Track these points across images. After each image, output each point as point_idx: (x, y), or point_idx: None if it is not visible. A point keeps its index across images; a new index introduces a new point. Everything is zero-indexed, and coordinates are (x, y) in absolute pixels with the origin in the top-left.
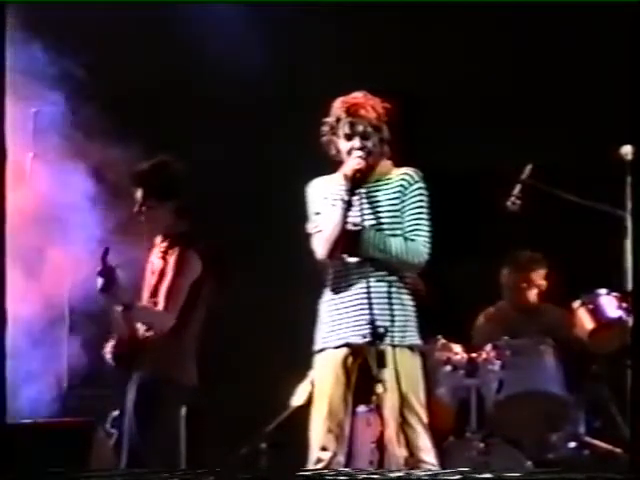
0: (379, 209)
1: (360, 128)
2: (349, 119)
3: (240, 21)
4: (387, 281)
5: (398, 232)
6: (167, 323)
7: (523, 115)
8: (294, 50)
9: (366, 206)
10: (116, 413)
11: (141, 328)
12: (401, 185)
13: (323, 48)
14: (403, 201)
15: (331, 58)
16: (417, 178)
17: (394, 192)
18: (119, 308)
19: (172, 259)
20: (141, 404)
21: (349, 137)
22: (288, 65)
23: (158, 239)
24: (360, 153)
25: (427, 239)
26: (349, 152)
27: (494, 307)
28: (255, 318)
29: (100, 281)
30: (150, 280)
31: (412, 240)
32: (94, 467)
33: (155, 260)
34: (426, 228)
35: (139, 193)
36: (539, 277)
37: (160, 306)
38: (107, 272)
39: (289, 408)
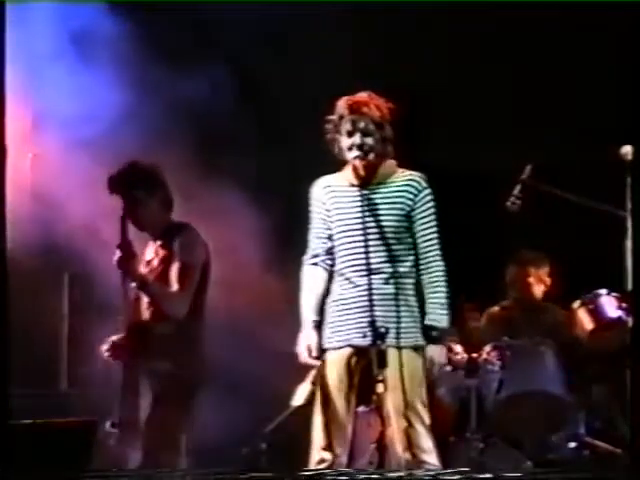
0: (383, 211)
1: (362, 125)
2: (351, 116)
3: (240, 21)
4: (394, 283)
5: (402, 235)
6: (182, 305)
7: (523, 115)
8: (294, 50)
9: (368, 207)
10: (117, 412)
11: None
12: (408, 191)
13: (323, 48)
14: (413, 209)
15: (331, 58)
16: (425, 185)
17: (399, 195)
18: (133, 284)
19: (177, 244)
20: (157, 403)
21: (350, 134)
22: (288, 65)
23: (150, 237)
24: (361, 151)
25: (440, 249)
26: (350, 149)
27: (495, 307)
28: (255, 318)
29: (118, 254)
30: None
31: (433, 261)
32: (94, 467)
33: (151, 256)
34: (438, 237)
35: (120, 198)
36: (544, 274)
37: (173, 288)
38: (125, 246)
39: (289, 408)
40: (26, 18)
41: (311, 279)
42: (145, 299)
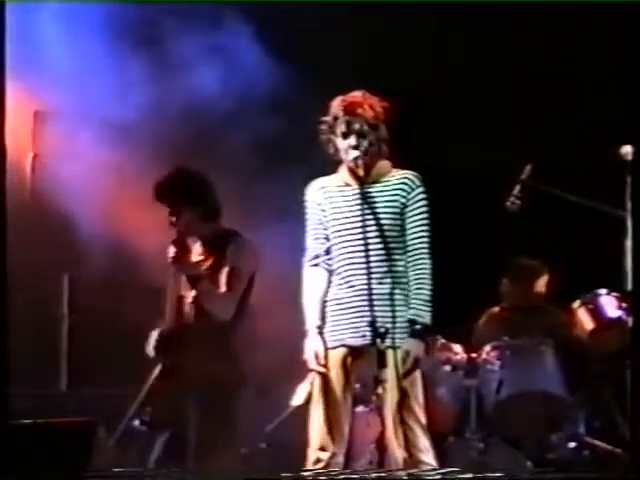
0: (378, 210)
1: (357, 126)
2: (346, 117)
3: (240, 21)
4: (390, 282)
5: (398, 234)
6: (229, 306)
7: (523, 115)
8: (294, 50)
9: (364, 206)
10: (148, 410)
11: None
12: (402, 189)
13: (323, 48)
14: (405, 205)
15: (331, 58)
16: (419, 183)
17: (393, 194)
18: (185, 280)
19: (229, 251)
20: (196, 404)
21: (346, 135)
22: (287, 65)
23: (195, 245)
24: (357, 152)
25: (429, 247)
26: (346, 150)
27: (495, 308)
28: (255, 318)
29: (172, 250)
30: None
31: (420, 258)
32: (95, 467)
33: (198, 260)
34: (428, 235)
35: (166, 206)
36: (540, 285)
37: (222, 290)
38: (180, 241)
39: (289, 408)
40: (28, 16)
41: (313, 282)
42: (188, 300)
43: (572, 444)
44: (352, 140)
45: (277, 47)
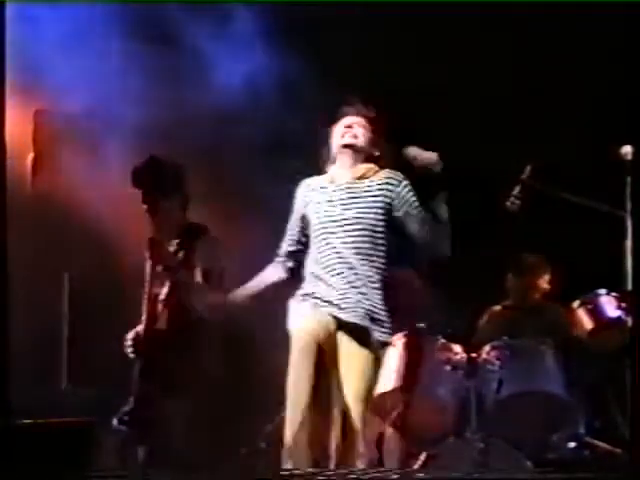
0: (360, 205)
1: (363, 112)
2: (354, 109)
3: (239, 21)
4: (362, 280)
5: (378, 231)
6: (205, 298)
7: (523, 115)
8: (293, 51)
9: (346, 202)
10: (126, 409)
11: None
12: (389, 183)
13: (323, 48)
14: (393, 199)
15: (333, 58)
16: (403, 178)
17: (378, 189)
18: (161, 269)
19: (199, 250)
20: (172, 401)
21: (345, 125)
22: (287, 66)
23: (167, 235)
24: (353, 137)
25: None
26: (343, 134)
27: (496, 307)
28: (254, 317)
29: (150, 245)
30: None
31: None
32: (94, 467)
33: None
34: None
35: (142, 193)
36: (543, 281)
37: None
38: (157, 236)
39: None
40: (28, 15)
41: (267, 274)
42: (162, 296)
43: (572, 444)
44: (353, 119)
45: (283, 44)
